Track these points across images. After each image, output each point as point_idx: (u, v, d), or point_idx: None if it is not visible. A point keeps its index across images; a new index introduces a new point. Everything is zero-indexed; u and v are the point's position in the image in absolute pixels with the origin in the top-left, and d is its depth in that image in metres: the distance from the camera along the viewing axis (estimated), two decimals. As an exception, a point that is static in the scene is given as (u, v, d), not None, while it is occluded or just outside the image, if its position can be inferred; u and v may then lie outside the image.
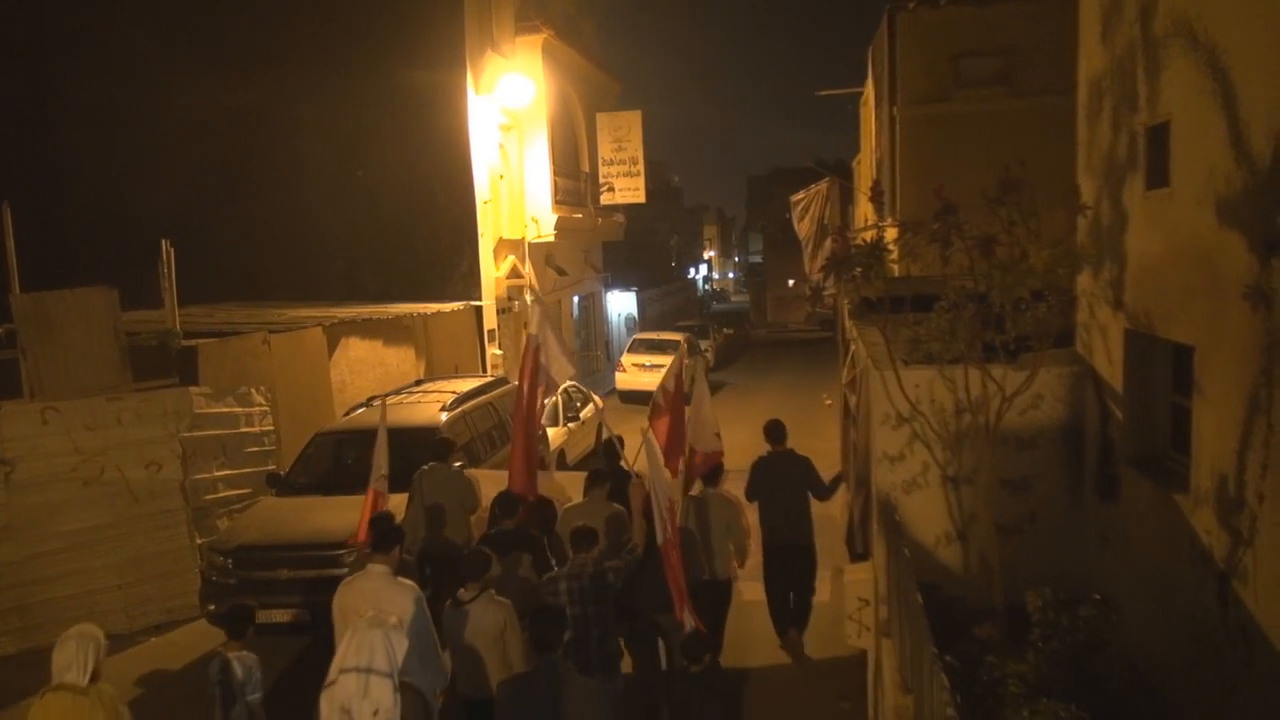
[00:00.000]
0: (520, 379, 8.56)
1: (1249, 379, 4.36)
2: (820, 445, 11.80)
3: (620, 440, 9.13)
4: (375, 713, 4.94)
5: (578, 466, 13.84)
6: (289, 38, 18.27)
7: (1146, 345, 5.81)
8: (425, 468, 8.89)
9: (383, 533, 6.19)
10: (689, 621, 6.04)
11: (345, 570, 8.36)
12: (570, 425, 15.13)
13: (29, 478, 9.56)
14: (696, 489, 8.19)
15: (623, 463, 8.75)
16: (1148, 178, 5.57)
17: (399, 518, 8.05)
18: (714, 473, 8.23)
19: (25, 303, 10.34)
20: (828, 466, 9.22)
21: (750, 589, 8.58)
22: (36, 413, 9.70)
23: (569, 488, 9.12)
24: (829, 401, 12.94)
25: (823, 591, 8.78)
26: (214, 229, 17.32)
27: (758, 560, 8.43)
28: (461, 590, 5.98)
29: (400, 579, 5.97)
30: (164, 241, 11.22)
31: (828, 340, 17.73)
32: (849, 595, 6.81)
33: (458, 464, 9.29)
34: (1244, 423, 4.43)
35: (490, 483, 8.69)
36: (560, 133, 23.28)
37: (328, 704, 5.06)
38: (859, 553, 7.97)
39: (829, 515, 8.79)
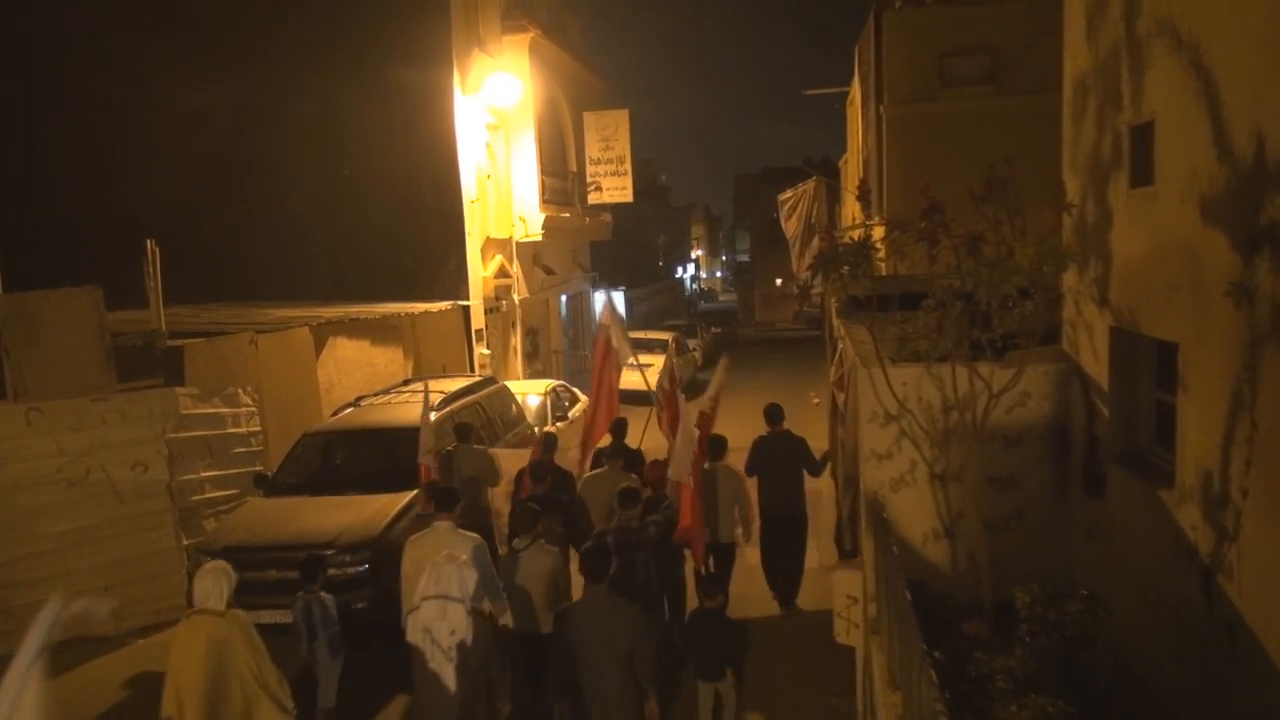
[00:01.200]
0: (595, 360, 10.51)
1: (1232, 375, 4.40)
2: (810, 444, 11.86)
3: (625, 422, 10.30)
4: (451, 632, 5.91)
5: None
6: (276, 37, 18.19)
7: (1131, 342, 5.84)
8: (451, 448, 10.18)
9: (443, 495, 7.34)
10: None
11: (334, 571, 8.43)
12: (559, 425, 15.13)
13: (13, 479, 9.49)
14: (705, 463, 8.89)
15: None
16: (1132, 176, 5.60)
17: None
18: (719, 446, 9.22)
19: (9, 302, 10.28)
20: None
21: (750, 554, 9.54)
22: (20, 414, 9.63)
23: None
24: (816, 400, 13.01)
25: (811, 558, 9.63)
26: (200, 228, 17.24)
27: (756, 528, 9.40)
28: (515, 540, 7.14)
29: (462, 530, 7.10)
30: (149, 241, 11.16)
31: (815, 339, 17.78)
32: (838, 593, 6.82)
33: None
34: (1228, 419, 4.47)
35: (507, 460, 10.34)
36: (547, 132, 23.25)
37: (413, 626, 6.09)
38: (848, 550, 7.99)
39: (816, 489, 9.73)
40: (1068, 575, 6.35)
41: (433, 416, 10.87)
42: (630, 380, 23.83)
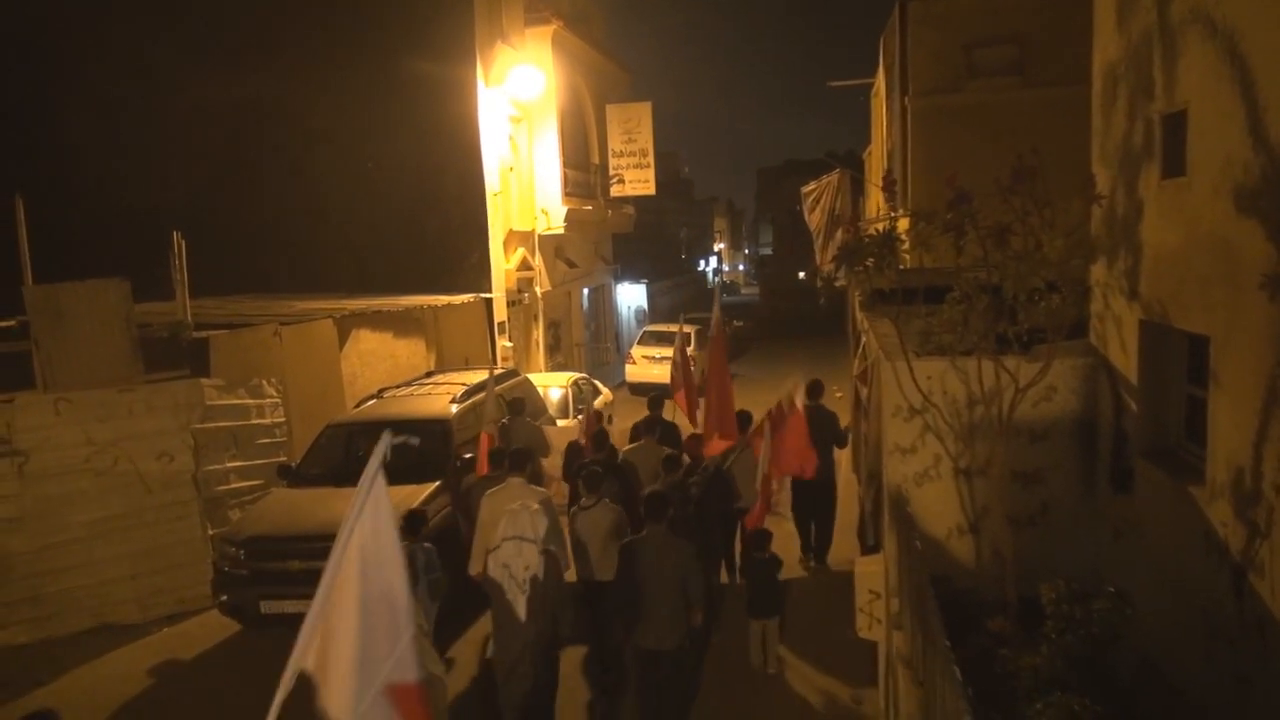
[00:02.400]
0: (714, 346, 11.40)
1: (1266, 369, 4.32)
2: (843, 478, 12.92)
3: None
4: (526, 568, 6.80)
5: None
6: (299, 30, 18.25)
7: (1161, 336, 5.76)
8: (505, 420, 10.91)
9: (516, 456, 8.09)
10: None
11: None
12: (579, 418, 15.15)
13: (42, 468, 9.61)
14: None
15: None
16: (1164, 167, 5.51)
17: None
18: (744, 420, 10.28)
19: (38, 294, 10.37)
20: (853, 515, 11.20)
21: (784, 523, 10.46)
22: (49, 404, 9.74)
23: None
24: (839, 394, 12.99)
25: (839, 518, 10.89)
26: (224, 221, 17.34)
27: (787, 496, 10.30)
28: (584, 498, 8.02)
29: (533, 485, 7.94)
30: (175, 233, 11.23)
31: (838, 332, 17.75)
32: (860, 587, 6.79)
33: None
34: (1261, 413, 4.39)
35: (555, 435, 11.49)
36: (570, 124, 23.22)
37: (493, 563, 6.91)
38: (870, 545, 7.95)
39: (838, 459, 10.96)
40: (1094, 572, 6.28)
41: (454, 409, 10.93)
42: (651, 373, 23.85)
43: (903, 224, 6.23)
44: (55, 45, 18.49)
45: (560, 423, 13.62)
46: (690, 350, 24.39)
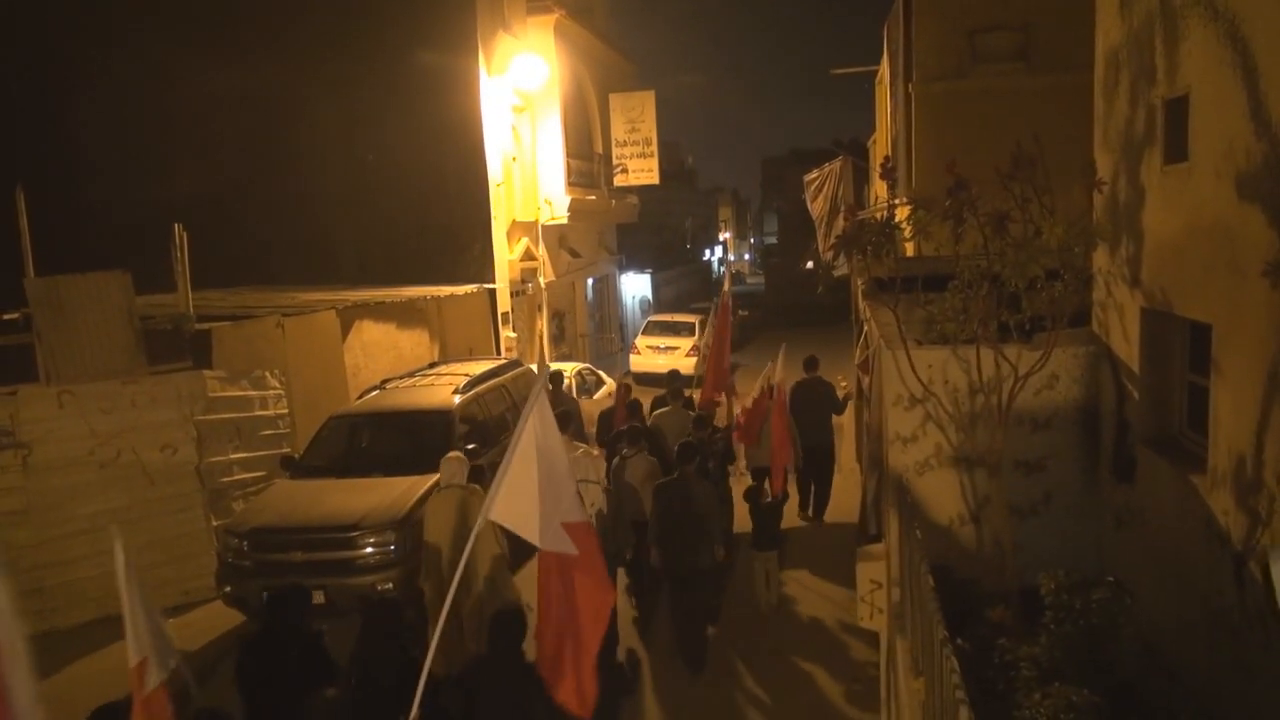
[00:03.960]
0: (721, 314, 12.41)
1: (1269, 357, 4.28)
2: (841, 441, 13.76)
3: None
4: (591, 504, 7.59)
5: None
6: (301, 22, 18.22)
7: (1164, 324, 5.73)
8: (547, 389, 11.11)
9: (563, 417, 8.13)
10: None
11: (361, 551, 8.64)
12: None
13: (46, 460, 9.62)
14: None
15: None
16: (1166, 152, 5.47)
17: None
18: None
19: (40, 286, 10.38)
20: (853, 477, 12.69)
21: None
22: (53, 396, 9.75)
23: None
24: (844, 383, 13.16)
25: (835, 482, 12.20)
26: (227, 214, 17.34)
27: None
28: (625, 449, 9.16)
29: (576, 442, 9.00)
30: (177, 225, 11.22)
31: (841, 321, 17.78)
32: (862, 577, 6.77)
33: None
34: (1263, 402, 4.36)
35: (587, 406, 12.99)
36: (573, 114, 23.15)
37: None
38: (872, 534, 7.94)
39: (838, 424, 12.22)
40: (1096, 561, 6.27)
41: (458, 400, 10.93)
42: (656, 363, 23.84)
43: (903, 212, 6.19)
44: (61, 36, 18.49)
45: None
46: (695, 339, 24.54)
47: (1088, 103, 6.84)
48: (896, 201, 6.34)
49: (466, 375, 11.75)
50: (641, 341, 25.77)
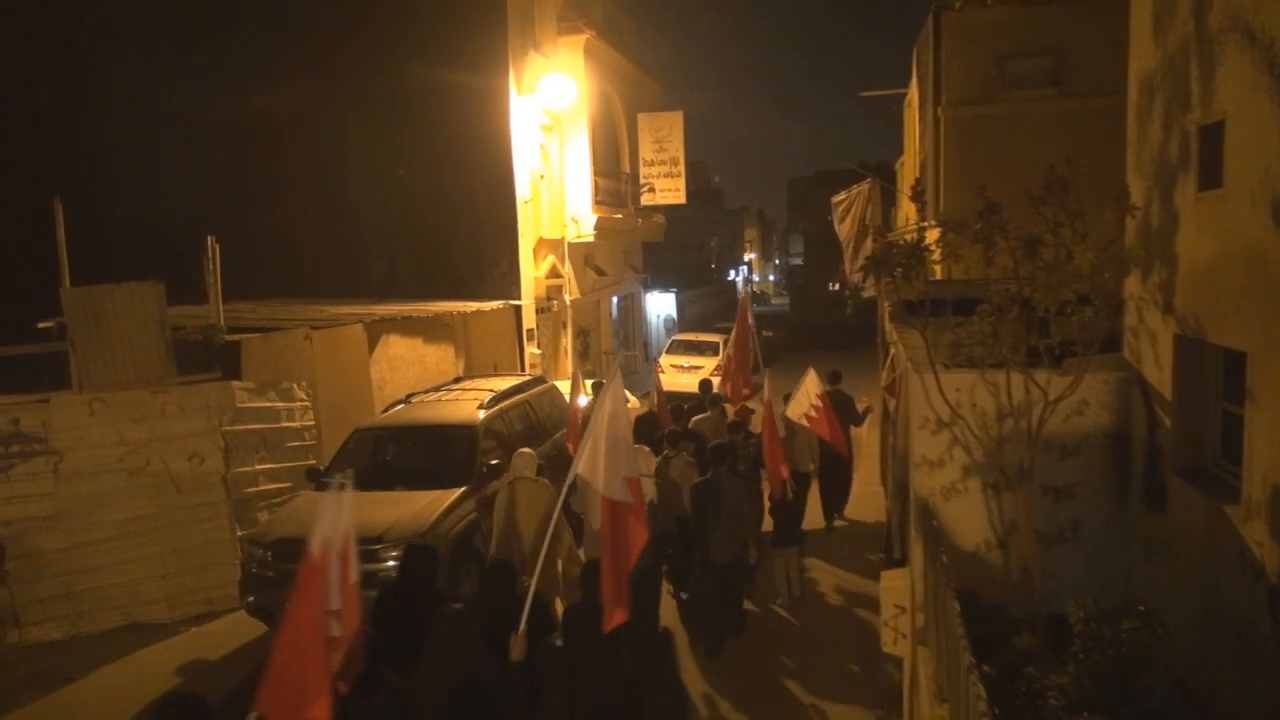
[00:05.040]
0: (740, 317, 13.49)
1: (1304, 387, 4.22)
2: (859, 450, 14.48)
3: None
4: (646, 496, 7.81)
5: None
6: (335, 39, 18.49)
7: (1197, 351, 5.65)
8: (594, 396, 12.12)
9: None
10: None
11: (384, 564, 8.67)
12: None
13: (76, 468, 9.74)
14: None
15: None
16: (1200, 178, 5.41)
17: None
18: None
19: (75, 296, 10.53)
20: (869, 480, 14.18)
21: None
22: (84, 404, 9.89)
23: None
24: (866, 403, 13.20)
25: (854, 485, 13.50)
26: (258, 226, 17.55)
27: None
28: (668, 451, 9.92)
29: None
30: (210, 238, 11.37)
31: (867, 343, 17.77)
32: (885, 601, 6.71)
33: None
34: (1299, 432, 4.29)
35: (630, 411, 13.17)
36: (601, 133, 23.29)
37: None
38: (895, 558, 7.87)
39: (857, 435, 13.54)
40: (1125, 590, 6.18)
41: (482, 415, 10.96)
42: (680, 382, 23.87)
43: (932, 234, 6.16)
44: (95, 51, 18.82)
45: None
46: (719, 359, 24.49)
47: (1119, 127, 6.79)
48: (926, 224, 6.31)
49: (491, 391, 11.81)
50: (665, 360, 25.78)
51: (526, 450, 9.21)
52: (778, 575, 10.25)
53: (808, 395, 10.69)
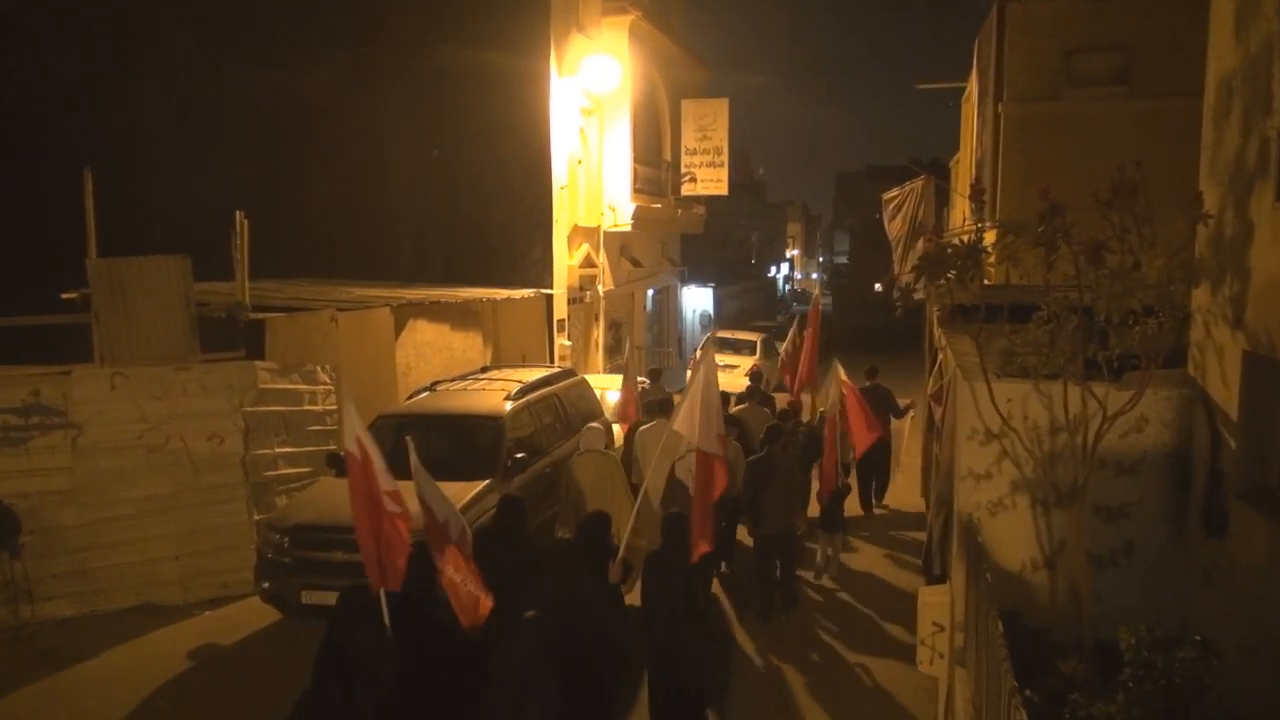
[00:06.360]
0: (812, 315, 13.68)
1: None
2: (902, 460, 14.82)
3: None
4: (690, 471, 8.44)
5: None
6: (374, 18, 18.32)
7: (1266, 369, 5.33)
8: (646, 383, 13.97)
9: (664, 403, 10.71)
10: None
11: None
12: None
13: (95, 442, 9.64)
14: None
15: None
16: (1278, 187, 5.07)
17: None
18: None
19: (100, 268, 10.43)
20: (909, 488, 14.16)
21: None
22: (106, 378, 9.78)
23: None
24: (909, 401, 12.96)
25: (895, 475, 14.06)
26: (289, 204, 17.45)
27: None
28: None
29: None
30: (238, 213, 11.21)
31: (912, 346, 17.43)
32: (923, 619, 6.42)
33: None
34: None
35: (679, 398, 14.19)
36: (643, 118, 22.88)
37: (681, 468, 9.21)
38: (935, 575, 7.59)
39: (898, 428, 14.22)
40: (1179, 618, 5.90)
41: (509, 406, 10.70)
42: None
43: (989, 236, 5.87)
44: (133, 27, 18.79)
45: (617, 428, 13.61)
46: (755, 360, 24.12)
47: (1194, 130, 6.45)
48: (983, 225, 6.00)
49: (519, 382, 11.54)
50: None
51: (596, 425, 9.89)
52: (820, 553, 11.04)
53: (836, 389, 11.20)
